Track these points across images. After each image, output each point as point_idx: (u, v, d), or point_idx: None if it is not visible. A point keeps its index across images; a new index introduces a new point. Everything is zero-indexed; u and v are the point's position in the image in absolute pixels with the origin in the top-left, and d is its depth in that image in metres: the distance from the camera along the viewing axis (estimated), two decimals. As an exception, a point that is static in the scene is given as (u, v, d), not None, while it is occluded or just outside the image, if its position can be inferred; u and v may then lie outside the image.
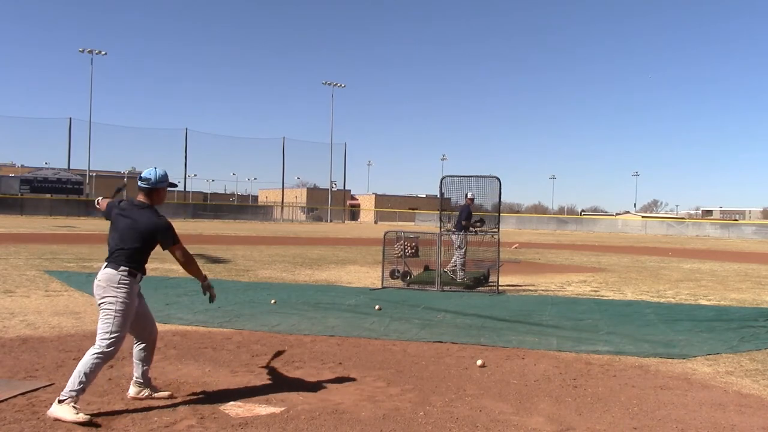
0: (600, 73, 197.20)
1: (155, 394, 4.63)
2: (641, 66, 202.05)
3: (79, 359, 5.65)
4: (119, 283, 4.28)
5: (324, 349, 6.49)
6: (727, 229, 62.97)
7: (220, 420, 4.23)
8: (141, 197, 4.54)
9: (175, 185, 4.94)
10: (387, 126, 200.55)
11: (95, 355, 4.21)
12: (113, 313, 4.26)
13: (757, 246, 39.20)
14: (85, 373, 4.15)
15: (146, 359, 4.62)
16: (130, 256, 4.33)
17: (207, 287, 4.69)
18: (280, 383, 5.19)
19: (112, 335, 4.24)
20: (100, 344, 4.24)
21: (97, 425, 4.04)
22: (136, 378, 4.63)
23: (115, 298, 4.26)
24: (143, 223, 4.39)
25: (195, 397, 4.73)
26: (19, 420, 4.09)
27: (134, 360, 4.64)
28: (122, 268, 4.29)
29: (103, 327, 4.27)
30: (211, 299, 4.76)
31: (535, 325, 8.22)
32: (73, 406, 4.07)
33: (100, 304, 4.33)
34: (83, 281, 11.14)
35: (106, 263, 4.36)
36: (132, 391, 4.64)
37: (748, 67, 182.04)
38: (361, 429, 4.15)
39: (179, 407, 4.45)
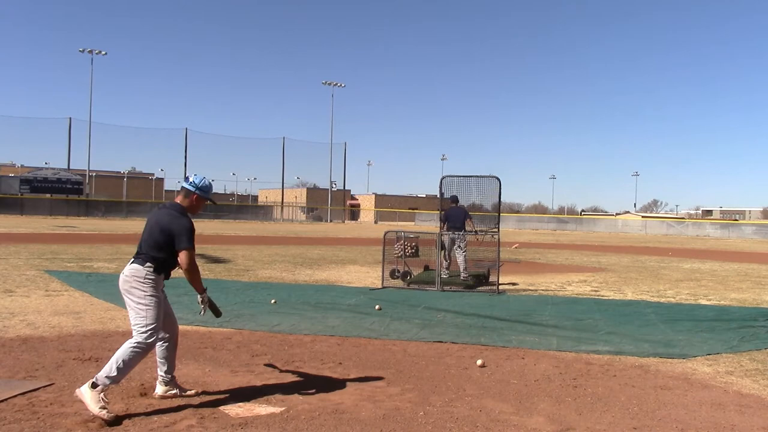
0: (600, 73, 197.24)
1: (183, 393, 4.68)
2: (641, 66, 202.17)
3: (79, 359, 5.69)
4: (145, 278, 4.36)
5: (324, 349, 6.49)
6: (727, 229, 62.91)
7: (220, 420, 4.23)
8: (178, 198, 4.60)
9: (213, 202, 4.89)
10: (387, 126, 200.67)
11: (135, 345, 4.27)
12: (144, 306, 4.34)
13: (757, 246, 39.20)
14: (123, 361, 4.22)
15: (169, 358, 4.65)
16: (154, 254, 4.40)
17: (204, 301, 4.63)
18: (280, 383, 5.19)
19: (149, 327, 4.32)
20: (139, 337, 4.30)
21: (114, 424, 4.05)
22: (162, 377, 4.67)
23: (142, 292, 4.35)
24: (166, 221, 4.45)
25: (195, 397, 4.73)
26: (19, 420, 4.09)
27: (157, 359, 4.66)
28: (148, 264, 4.38)
29: (138, 320, 4.34)
30: (216, 314, 4.76)
31: (535, 325, 8.22)
32: (103, 398, 4.10)
33: (126, 298, 4.40)
34: (83, 281, 11.15)
35: (133, 259, 4.45)
36: (159, 390, 4.67)
37: (748, 66, 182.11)
38: (361, 429, 4.15)
39: (179, 407, 4.45)
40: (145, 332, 4.31)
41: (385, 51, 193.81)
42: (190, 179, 4.59)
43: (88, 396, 4.09)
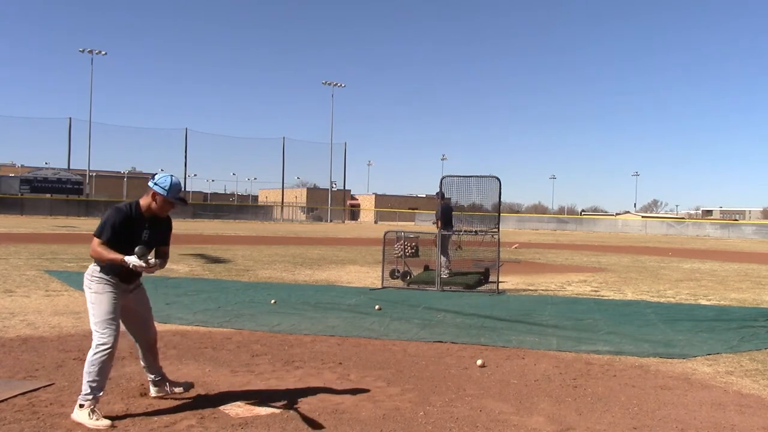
0: (600, 73, 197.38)
1: (174, 389, 4.65)
2: (641, 66, 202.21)
3: (79, 359, 5.68)
4: (92, 276, 4.31)
5: (324, 349, 6.49)
6: (727, 229, 62.90)
7: (220, 420, 4.23)
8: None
9: (185, 201, 4.53)
10: (387, 126, 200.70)
11: (94, 351, 4.20)
12: (90, 304, 4.28)
13: (757, 246, 39.20)
14: (89, 372, 4.15)
15: (148, 359, 4.61)
16: None
17: (133, 264, 4.12)
18: (280, 383, 5.19)
19: (96, 326, 4.23)
20: (94, 338, 4.24)
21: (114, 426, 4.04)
22: (150, 378, 4.65)
23: (89, 290, 4.31)
24: None
25: (195, 397, 4.73)
26: (19, 420, 4.09)
27: (141, 362, 4.65)
28: (95, 263, 4.34)
29: (90, 319, 4.29)
30: (149, 267, 4.16)
31: (535, 324, 8.22)
32: (92, 410, 4.06)
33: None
34: (83, 281, 11.14)
35: None
36: (152, 391, 4.66)
37: (748, 66, 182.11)
38: (361, 429, 4.15)
39: (179, 407, 4.45)
40: (96, 330, 4.21)
41: (385, 51, 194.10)
42: (156, 177, 4.35)
43: (79, 417, 4.08)
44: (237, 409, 4.46)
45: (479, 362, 5.97)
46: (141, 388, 4.80)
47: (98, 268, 4.30)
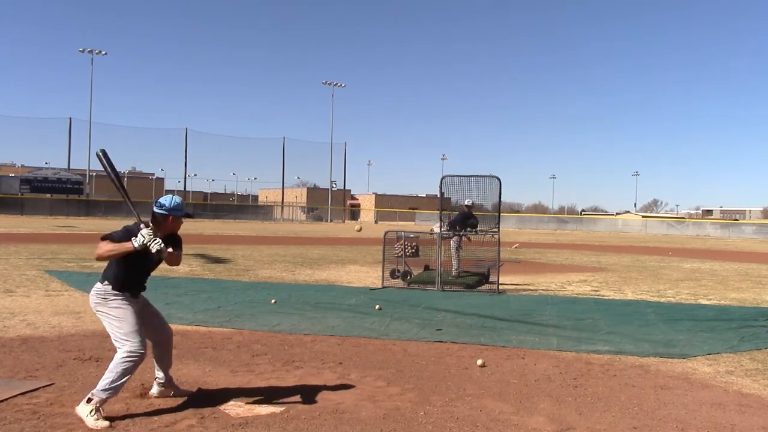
0: (600, 73, 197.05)
1: (178, 394, 4.66)
2: (641, 66, 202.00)
3: (79, 359, 5.70)
4: (105, 294, 4.33)
5: (324, 349, 6.49)
6: (727, 228, 62.94)
7: (220, 420, 4.23)
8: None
9: (190, 215, 4.68)
10: (387, 126, 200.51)
11: (123, 357, 4.21)
12: (115, 319, 4.30)
13: (757, 246, 39.20)
14: (113, 372, 4.17)
15: (163, 359, 4.62)
16: (108, 270, 4.37)
17: (141, 242, 4.15)
18: (280, 383, 5.19)
19: (127, 336, 4.25)
20: (122, 348, 4.25)
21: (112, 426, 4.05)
22: (158, 379, 4.66)
23: (107, 307, 4.32)
24: None
25: (195, 397, 4.73)
26: (19, 420, 4.10)
27: (154, 361, 4.65)
28: (106, 282, 4.35)
29: (115, 333, 4.30)
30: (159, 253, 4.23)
31: (536, 324, 8.22)
32: (96, 409, 4.08)
33: (99, 317, 4.40)
34: (83, 281, 11.14)
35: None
36: (154, 390, 4.67)
37: (748, 66, 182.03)
38: (361, 429, 4.15)
39: (179, 407, 4.45)
40: (126, 340, 4.24)
41: (385, 51, 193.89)
42: (161, 203, 4.43)
43: (82, 411, 4.09)
44: (237, 409, 4.46)
45: (479, 362, 5.97)
46: (141, 388, 4.79)
47: (110, 287, 4.33)
